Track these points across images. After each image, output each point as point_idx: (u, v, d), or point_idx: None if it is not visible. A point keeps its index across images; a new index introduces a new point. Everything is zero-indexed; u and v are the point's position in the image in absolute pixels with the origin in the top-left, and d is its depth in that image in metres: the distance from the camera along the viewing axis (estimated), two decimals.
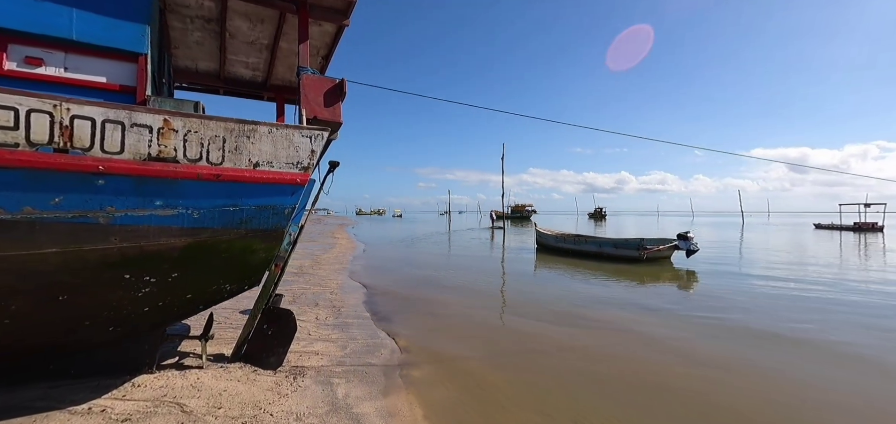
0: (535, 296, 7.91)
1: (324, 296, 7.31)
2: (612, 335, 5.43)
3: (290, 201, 3.43)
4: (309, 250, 15.21)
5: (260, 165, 3.22)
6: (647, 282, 9.68)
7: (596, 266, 11.95)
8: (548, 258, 14.07)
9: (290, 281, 8.56)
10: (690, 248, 11.92)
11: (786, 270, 11.42)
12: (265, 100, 5.77)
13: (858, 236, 29.07)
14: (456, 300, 7.41)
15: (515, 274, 10.96)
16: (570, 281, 9.69)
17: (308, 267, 10.82)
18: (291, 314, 4.18)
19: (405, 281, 9.43)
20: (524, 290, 8.60)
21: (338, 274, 9.97)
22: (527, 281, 9.90)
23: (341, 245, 17.90)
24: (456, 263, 13.25)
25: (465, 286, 9.02)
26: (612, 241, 13.51)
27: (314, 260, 12.36)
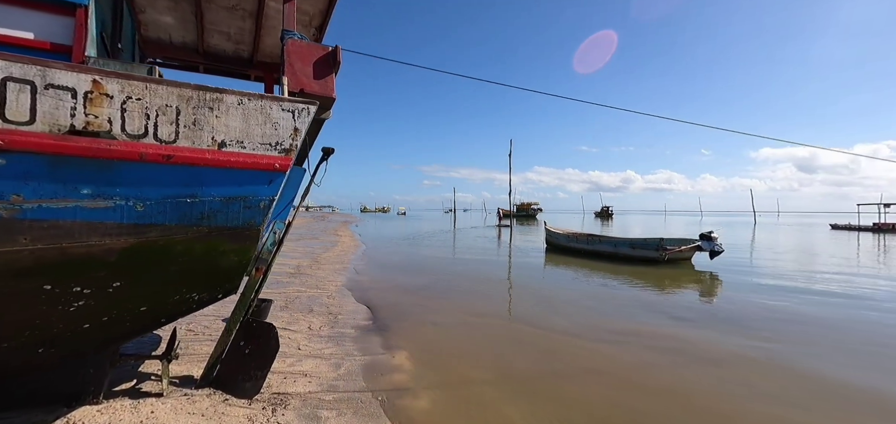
0: (551, 302, 7.19)
1: (320, 300, 6.64)
2: (648, 354, 4.70)
3: (266, 192, 2.75)
4: (309, 248, 14.59)
5: (227, 145, 2.54)
6: (669, 287, 8.92)
7: (611, 268, 11.21)
8: (559, 259, 13.34)
9: (285, 283, 7.90)
10: (715, 249, 11.13)
11: (830, 280, 10.49)
12: (252, 79, 5.09)
13: (878, 236, 28.05)
14: (464, 307, 6.71)
15: (526, 277, 10.24)
16: (586, 285, 8.96)
17: (306, 267, 10.17)
18: (273, 329, 3.51)
19: (409, 284, 8.75)
20: (538, 295, 7.88)
21: (337, 275, 9.31)
22: (540, 285, 9.17)
23: (344, 243, 17.27)
24: (463, 264, 12.55)
25: (472, 290, 8.32)
26: (629, 241, 12.74)
27: (314, 259, 11.72)
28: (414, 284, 8.76)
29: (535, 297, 7.66)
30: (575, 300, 7.31)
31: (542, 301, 7.25)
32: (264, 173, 2.69)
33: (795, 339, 5.33)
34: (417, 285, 8.65)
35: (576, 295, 7.79)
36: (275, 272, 8.96)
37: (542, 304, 7.04)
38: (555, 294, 7.89)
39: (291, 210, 3.95)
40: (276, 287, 7.42)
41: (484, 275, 10.27)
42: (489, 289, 8.52)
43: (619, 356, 4.55)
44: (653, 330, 5.56)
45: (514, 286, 8.87)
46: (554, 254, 14.92)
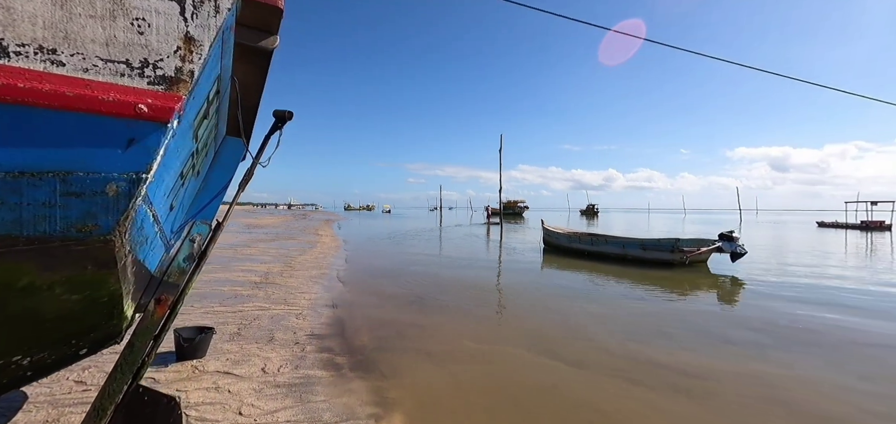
0: (567, 319, 5.93)
1: (286, 322, 5.20)
2: (728, 407, 3.45)
3: (119, 163, 1.35)
4: (284, 250, 13.02)
5: (13, 54, 1.15)
6: (690, 293, 7.79)
7: (619, 271, 10.06)
8: (559, 261, 12.14)
9: (244, 297, 6.41)
10: (737, 251, 10.09)
11: (872, 287, 9.61)
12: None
13: (866, 234, 27.96)
14: (466, 328, 5.38)
15: (530, 284, 8.98)
16: (600, 292, 7.74)
17: (277, 274, 8.67)
18: (175, 404, 2.11)
19: (398, 294, 7.36)
20: (552, 309, 6.61)
21: (313, 284, 7.84)
22: (548, 293, 7.90)
23: (324, 244, 15.72)
24: (455, 267, 11.20)
25: (472, 301, 6.99)
26: (639, 241, 11.62)
27: (287, 264, 10.19)
28: (403, 294, 7.37)
29: (549, 312, 6.38)
30: (602, 317, 6.05)
31: (561, 319, 5.97)
32: (114, 124, 1.29)
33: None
34: (407, 295, 7.27)
35: (600, 309, 6.53)
36: (234, 281, 7.44)
37: (561, 323, 5.75)
38: (572, 308, 6.62)
39: (217, 204, 2.56)
40: (231, 303, 5.93)
41: (482, 282, 8.96)
42: (491, 300, 7.20)
43: (685, 415, 3.27)
44: (710, 363, 4.34)
45: (520, 297, 7.57)
46: (552, 255, 13.74)
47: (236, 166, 2.64)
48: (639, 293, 7.72)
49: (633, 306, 6.74)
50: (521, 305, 6.84)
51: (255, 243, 14.55)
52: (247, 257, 11.06)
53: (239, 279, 7.77)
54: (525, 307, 6.71)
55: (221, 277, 7.91)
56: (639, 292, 7.87)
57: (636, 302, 6.98)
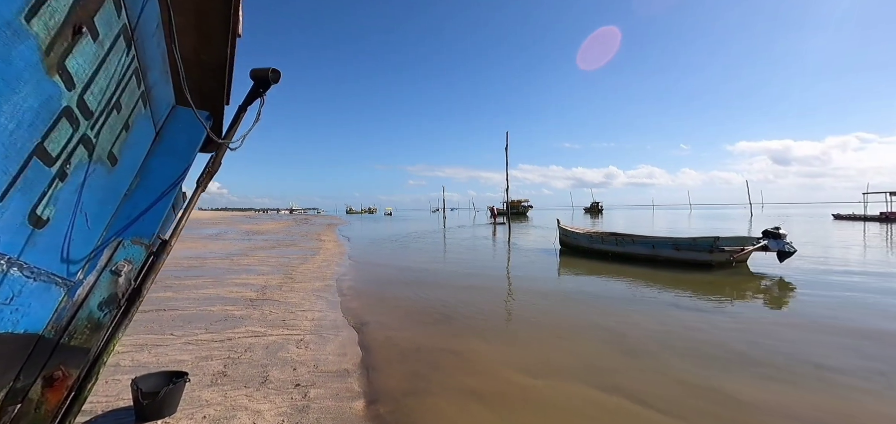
0: (621, 340, 4.98)
1: (285, 352, 4.25)
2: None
3: None
4: (284, 258, 12.08)
5: None
6: (746, 299, 6.83)
7: (651, 275, 9.10)
8: (581, 264, 11.16)
9: (235, 319, 5.45)
10: (785, 249, 9.12)
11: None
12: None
13: (886, 226, 26.94)
14: (506, 356, 4.42)
15: (560, 292, 8.03)
16: (644, 302, 6.78)
17: (275, 287, 7.72)
18: None
19: (417, 311, 6.40)
20: (595, 324, 5.65)
21: (316, 299, 6.90)
22: (584, 304, 6.93)
23: (327, 250, 14.78)
24: (471, 274, 10.25)
25: (502, 317, 6.06)
26: (671, 240, 10.64)
27: (288, 274, 9.25)
28: (424, 308, 6.42)
29: (596, 329, 5.42)
30: (659, 336, 5.09)
31: (613, 339, 5.00)
32: None
33: None
34: (429, 310, 6.32)
35: (652, 324, 5.57)
36: (226, 299, 6.49)
37: (615, 345, 4.78)
38: (619, 323, 5.65)
39: (164, 212, 1.62)
40: (220, 328, 4.98)
41: (506, 290, 8.00)
42: (524, 313, 6.25)
43: None
44: (861, 409, 3.38)
45: (555, 309, 6.61)
46: (571, 257, 12.78)
47: (192, 151, 1.70)
48: (688, 302, 6.75)
49: (688, 319, 5.77)
50: (560, 319, 5.87)
51: (253, 252, 13.62)
52: (243, 267, 10.12)
53: (232, 296, 6.83)
54: (566, 322, 5.73)
55: (212, 293, 6.96)
56: (687, 300, 6.89)
57: (691, 314, 6.01)
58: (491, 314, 6.23)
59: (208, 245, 15.55)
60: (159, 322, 5.18)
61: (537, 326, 5.53)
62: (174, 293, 6.86)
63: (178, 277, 8.48)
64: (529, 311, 6.39)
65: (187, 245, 15.28)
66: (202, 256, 12.19)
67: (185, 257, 11.80)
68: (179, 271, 9.27)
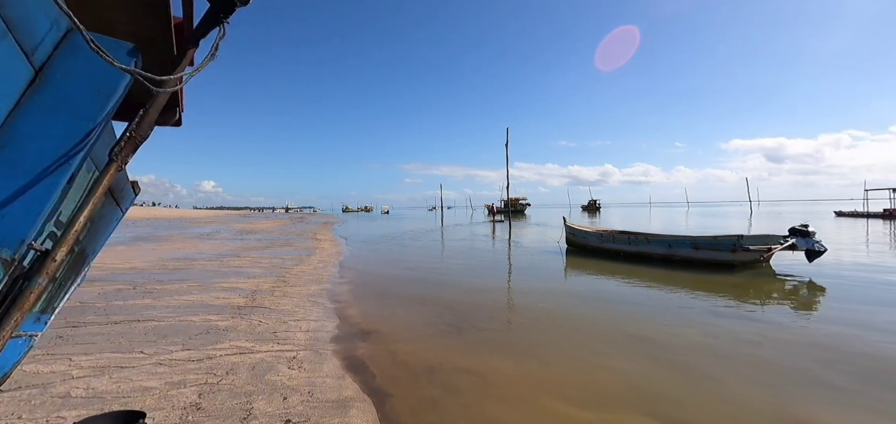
0: (672, 358, 4.35)
1: (274, 375, 3.59)
2: None
3: None
4: (278, 259, 11.37)
5: None
6: (784, 304, 6.24)
7: (668, 277, 8.52)
8: (591, 264, 10.55)
9: (220, 331, 4.77)
10: (814, 248, 8.54)
11: None
12: None
13: (890, 223, 26.62)
14: (538, 378, 3.77)
15: (578, 296, 7.40)
16: (678, 309, 6.16)
17: (266, 292, 7.03)
18: None
19: (424, 320, 5.74)
20: (632, 336, 5.02)
21: (311, 306, 6.22)
22: (611, 312, 6.31)
23: (323, 250, 14.08)
24: (478, 276, 9.60)
25: (523, 328, 5.41)
26: (689, 239, 10.03)
27: (281, 277, 8.55)
28: (431, 317, 5.76)
29: (637, 343, 4.78)
30: (711, 352, 4.46)
31: (662, 356, 4.36)
32: None
33: None
34: (436, 319, 5.66)
35: (698, 337, 4.95)
36: (211, 307, 5.80)
37: (667, 364, 4.14)
38: (658, 335, 5.02)
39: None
40: (200, 343, 4.29)
41: (520, 295, 7.36)
42: (547, 325, 5.58)
43: None
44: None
45: (582, 318, 5.97)
46: (579, 257, 12.18)
47: (100, 105, 1.03)
48: (727, 308, 6.13)
49: (736, 329, 5.14)
50: (588, 330, 5.22)
51: (245, 252, 12.89)
52: (233, 270, 9.42)
53: (217, 303, 6.13)
54: (596, 333, 5.08)
55: (195, 300, 6.27)
56: (724, 306, 6.28)
57: (736, 324, 5.38)
58: (506, 323, 5.59)
59: (198, 245, 14.80)
60: (129, 337, 4.49)
61: (565, 338, 4.88)
62: (153, 301, 6.16)
63: (160, 281, 7.77)
64: (550, 319, 5.75)
65: (176, 246, 14.53)
66: (190, 257, 11.45)
67: (172, 258, 11.07)
68: (163, 274, 8.56)
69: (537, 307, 6.43)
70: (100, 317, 5.21)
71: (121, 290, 6.85)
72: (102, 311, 5.50)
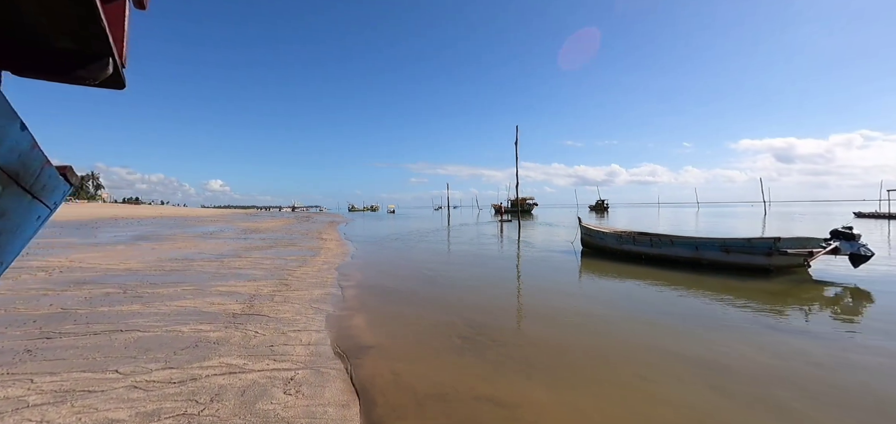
0: (735, 378, 3.73)
1: (268, 401, 3.03)
2: None
3: None
4: (281, 260, 10.86)
5: None
6: (840, 317, 5.58)
7: (698, 281, 7.88)
8: (609, 267, 9.91)
9: (211, 345, 4.23)
10: (859, 252, 7.85)
11: None
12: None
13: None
14: (572, 407, 3.18)
15: (607, 304, 6.79)
16: (728, 322, 5.53)
17: (266, 296, 6.51)
18: None
19: (429, 330, 5.17)
20: (682, 355, 4.40)
21: (314, 313, 5.68)
22: (648, 323, 5.69)
23: (328, 250, 13.57)
24: (492, 280, 9.02)
25: (547, 343, 4.82)
26: (718, 241, 9.36)
27: (282, 280, 8.03)
28: (442, 327, 5.18)
29: (691, 362, 4.16)
30: (792, 381, 3.83)
31: (728, 376, 3.74)
32: None
33: None
34: (448, 330, 5.08)
35: (767, 359, 4.30)
36: (204, 314, 5.27)
37: (742, 389, 3.51)
38: (718, 356, 4.40)
39: None
40: (186, 359, 3.75)
41: (540, 302, 6.77)
42: (577, 338, 4.98)
43: None
44: None
45: (619, 329, 5.37)
46: (595, 259, 11.55)
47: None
48: (781, 322, 5.47)
49: (804, 348, 4.48)
50: (626, 346, 4.60)
51: (247, 252, 12.41)
52: (233, 271, 8.92)
53: (212, 310, 5.61)
54: (638, 350, 4.45)
55: (188, 306, 5.75)
56: (777, 317, 5.62)
57: (803, 341, 4.71)
58: (529, 336, 4.99)
59: (199, 245, 14.36)
60: (106, 350, 3.97)
61: (601, 357, 4.28)
62: (142, 306, 5.65)
63: (153, 284, 7.28)
64: (579, 332, 5.15)
65: (177, 245, 14.11)
66: (189, 257, 10.99)
67: (170, 258, 10.61)
68: (158, 276, 8.07)
69: (561, 316, 5.84)
70: (79, 326, 4.70)
71: (110, 294, 6.36)
72: (84, 319, 4.99)
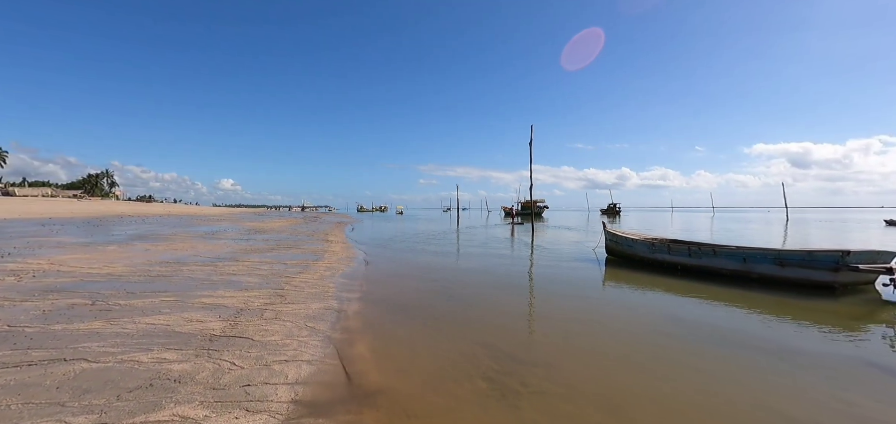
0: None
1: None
2: None
3: None
4: (280, 264, 9.98)
5: None
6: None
7: (745, 299, 6.80)
8: (641, 279, 8.83)
9: (170, 382, 3.28)
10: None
11: None
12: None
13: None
14: None
15: (662, 329, 5.74)
16: (820, 360, 4.47)
17: (255, 312, 5.59)
18: None
19: (449, 367, 4.18)
20: (774, 409, 3.39)
21: (308, 335, 4.74)
22: (713, 356, 4.64)
23: (332, 255, 12.68)
24: (507, 290, 8.02)
25: (602, 398, 3.82)
26: (772, 253, 8.21)
27: (278, 289, 7.12)
28: (461, 363, 4.20)
29: (788, 421, 3.15)
30: None
31: None
32: None
33: None
34: (468, 366, 4.10)
35: (882, 411, 3.29)
36: (174, 334, 4.32)
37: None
38: (798, 394, 3.39)
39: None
40: (130, 410, 2.81)
41: (573, 321, 5.75)
42: (639, 390, 3.99)
43: None
44: None
45: (685, 366, 4.35)
46: (622, 268, 10.48)
47: None
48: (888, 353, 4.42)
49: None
50: (703, 391, 3.59)
51: (246, 255, 11.57)
52: (225, 277, 8.04)
53: (186, 329, 4.70)
54: (717, 397, 3.44)
55: (160, 323, 4.84)
56: (877, 346, 4.56)
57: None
58: (573, 380, 3.97)
59: (196, 246, 13.57)
60: (32, 391, 3.06)
61: (677, 411, 3.26)
62: (105, 324, 4.76)
63: (131, 292, 6.42)
64: (640, 377, 4.12)
65: (173, 246, 13.33)
66: (182, 260, 10.16)
67: (161, 261, 9.79)
68: (140, 283, 7.22)
69: (608, 347, 4.81)
70: (16, 352, 3.82)
71: (75, 306, 5.50)
72: (26, 342, 4.11)
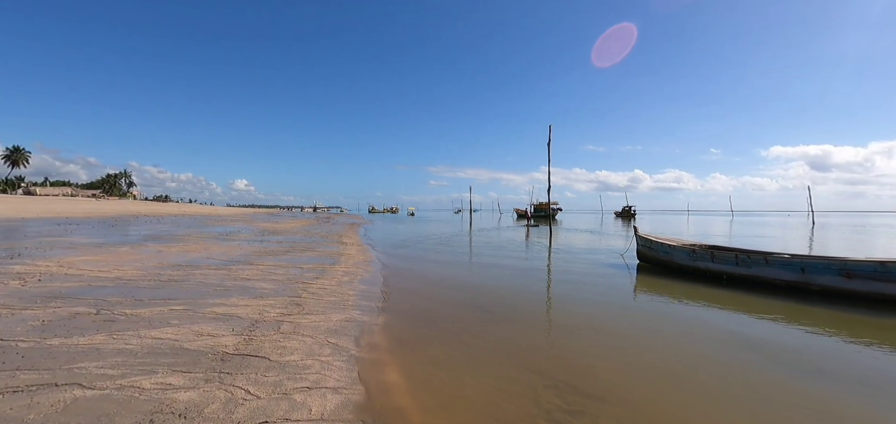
0: None
1: None
2: None
3: None
4: (296, 269, 9.48)
5: None
6: None
7: (806, 315, 6.09)
8: (681, 289, 8.09)
9: (174, 420, 2.77)
10: None
11: None
12: None
13: None
14: None
15: (729, 354, 5.06)
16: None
17: (271, 324, 5.06)
18: None
19: (509, 399, 3.58)
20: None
21: (331, 353, 4.17)
22: (809, 391, 3.98)
23: (349, 257, 12.16)
24: (535, 299, 7.38)
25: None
26: (837, 263, 7.39)
27: (295, 297, 6.59)
28: (522, 391, 3.60)
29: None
30: None
31: None
32: None
33: None
34: (530, 405, 3.51)
35: None
36: (182, 351, 3.77)
37: None
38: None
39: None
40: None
41: (636, 335, 5.09)
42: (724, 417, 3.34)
43: None
44: None
45: (783, 406, 3.68)
46: (656, 276, 9.75)
47: None
48: None
49: None
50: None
51: (260, 258, 11.11)
52: (240, 283, 7.55)
53: (196, 345, 4.17)
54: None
55: (169, 338, 4.33)
56: None
57: None
58: (659, 418, 3.34)
59: (209, 248, 13.19)
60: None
61: None
62: (107, 337, 4.27)
63: (139, 300, 5.95)
64: (738, 417, 3.47)
65: (185, 248, 12.97)
66: (194, 262, 9.74)
67: (172, 264, 9.37)
68: (149, 288, 6.76)
69: (678, 375, 4.15)
70: (2, 375, 3.32)
71: (77, 315, 5.03)
72: (16, 359, 3.62)
